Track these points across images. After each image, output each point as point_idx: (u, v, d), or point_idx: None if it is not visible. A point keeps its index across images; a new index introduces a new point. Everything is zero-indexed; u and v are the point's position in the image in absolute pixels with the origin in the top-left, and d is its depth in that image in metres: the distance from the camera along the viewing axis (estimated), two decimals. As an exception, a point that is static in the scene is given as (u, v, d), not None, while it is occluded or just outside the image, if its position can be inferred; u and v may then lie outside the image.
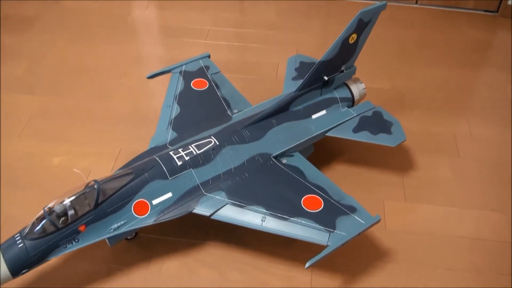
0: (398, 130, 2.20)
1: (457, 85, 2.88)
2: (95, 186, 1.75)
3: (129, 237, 2.01)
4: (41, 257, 1.70)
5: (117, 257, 1.98)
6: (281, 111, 2.14)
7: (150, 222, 1.82)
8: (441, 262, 2.00)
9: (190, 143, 1.98)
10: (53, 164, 2.38)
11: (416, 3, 3.47)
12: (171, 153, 1.93)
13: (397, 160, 2.40)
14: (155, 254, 2.00)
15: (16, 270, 1.67)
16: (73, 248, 1.74)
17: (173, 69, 2.45)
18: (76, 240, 1.74)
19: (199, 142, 1.98)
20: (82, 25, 3.30)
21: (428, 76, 2.93)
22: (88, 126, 2.58)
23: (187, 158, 1.91)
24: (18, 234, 1.71)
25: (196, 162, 1.92)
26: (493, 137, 2.55)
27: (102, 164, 2.37)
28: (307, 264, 1.67)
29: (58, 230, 1.70)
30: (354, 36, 2.10)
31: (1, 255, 1.66)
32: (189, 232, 2.06)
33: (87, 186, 1.78)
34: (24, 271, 1.70)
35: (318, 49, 2.69)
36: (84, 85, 2.83)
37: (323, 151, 2.37)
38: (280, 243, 2.01)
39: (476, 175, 2.35)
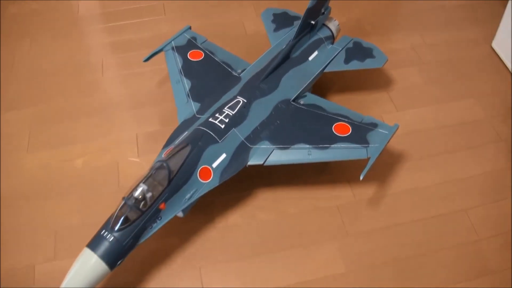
0: (379, 53, 2.55)
1: (394, 4, 3.29)
2: (164, 165, 1.90)
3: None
4: (133, 243, 1.84)
5: (184, 227, 2.17)
6: (285, 60, 2.39)
7: (217, 183, 2.02)
8: (442, 148, 2.45)
9: (222, 107, 2.17)
10: (77, 166, 2.43)
11: None
12: (210, 119, 2.11)
13: (377, 80, 2.78)
14: (216, 215, 2.22)
15: (113, 262, 1.80)
16: (158, 226, 1.90)
17: (164, 47, 2.56)
18: (159, 218, 1.90)
19: (230, 104, 2.18)
20: (34, 26, 3.18)
21: (369, 2, 3.30)
22: (91, 122, 2.62)
23: (227, 120, 2.11)
24: (103, 230, 1.82)
25: (235, 121, 2.13)
26: (442, 41, 3.02)
27: (126, 152, 2.47)
28: (362, 176, 1.99)
29: (142, 213, 1.84)
30: (330, -21, 2.38)
31: (93, 254, 1.77)
32: (236, 186, 2.28)
33: (152, 168, 1.93)
34: (120, 261, 1.84)
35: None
36: (67, 84, 2.82)
37: (318, 88, 2.67)
38: (315, 173, 2.34)
39: (441, 74, 2.81)
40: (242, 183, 2.30)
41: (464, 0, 3.29)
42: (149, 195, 1.86)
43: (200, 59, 2.50)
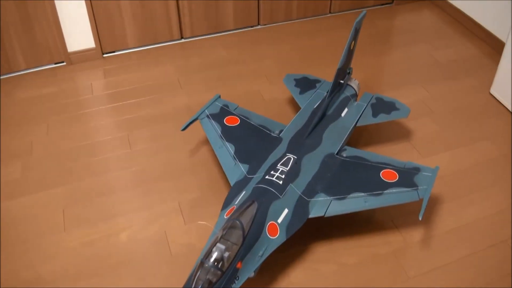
0: (401, 105, 2.76)
1: (396, 63, 3.59)
2: (238, 223, 1.92)
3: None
4: (215, 307, 1.81)
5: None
6: (323, 117, 2.53)
7: (284, 238, 2.04)
8: (473, 187, 2.61)
9: (275, 164, 2.24)
10: (122, 241, 2.37)
11: (330, 12, 4.13)
12: (267, 177, 2.17)
13: (397, 132, 2.96)
14: (276, 273, 2.20)
15: None
16: (236, 286, 1.88)
17: (199, 115, 2.65)
18: (237, 278, 1.88)
19: (282, 161, 2.25)
20: (49, 110, 3.21)
21: (375, 63, 3.58)
22: (127, 196, 2.59)
23: (283, 176, 2.17)
24: None
25: (290, 177, 2.19)
26: (445, 92, 3.29)
27: (172, 222, 2.44)
28: (420, 216, 2.08)
29: (223, 274, 1.82)
30: (353, 43, 2.60)
31: None
32: (290, 242, 2.29)
33: (225, 228, 1.93)
34: None
35: (281, 68, 3.15)
36: (95, 161, 2.81)
37: (348, 144, 2.80)
38: (364, 222, 2.41)
39: (452, 121, 3.04)
40: (297, 238, 2.32)
41: (455, 56, 3.65)
42: (226, 254, 1.85)
43: (237, 124, 2.60)
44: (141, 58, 3.68)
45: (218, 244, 1.85)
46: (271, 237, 2.01)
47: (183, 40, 3.84)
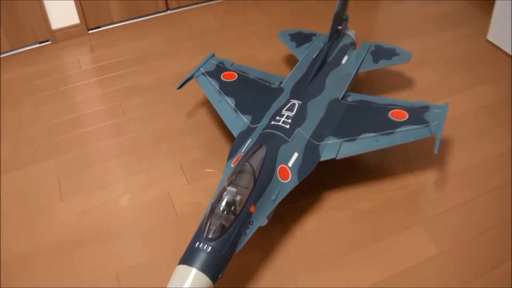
0: (402, 50, 2.68)
1: (388, 20, 3.52)
2: (248, 165, 1.81)
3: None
4: (231, 253, 1.69)
5: (261, 241, 2.03)
6: (323, 64, 2.43)
7: (297, 181, 1.94)
8: (481, 129, 2.54)
9: (280, 110, 2.14)
10: (123, 205, 2.26)
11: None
12: (272, 122, 2.07)
13: (400, 81, 2.88)
14: (291, 224, 2.10)
15: (214, 275, 1.63)
16: (251, 232, 1.77)
17: (194, 73, 2.54)
18: (251, 223, 1.77)
19: (286, 107, 2.15)
20: (36, 87, 3.07)
21: (367, 20, 3.50)
22: (125, 162, 2.47)
23: (289, 121, 2.07)
24: (196, 242, 1.67)
25: (297, 121, 2.09)
26: (441, 43, 3.22)
27: (175, 183, 2.33)
28: (436, 150, 2.01)
29: (236, 218, 1.71)
30: (348, -14, 2.51)
31: (191, 268, 1.59)
32: (302, 193, 2.20)
33: (234, 172, 1.83)
34: (220, 275, 1.67)
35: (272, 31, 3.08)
36: (84, 132, 2.68)
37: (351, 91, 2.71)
38: (375, 168, 2.33)
39: (452, 70, 2.97)
40: (308, 187, 2.22)
41: (447, 8, 3.58)
42: (238, 198, 1.74)
43: (235, 78, 2.50)
44: (128, 31, 3.55)
45: (229, 187, 1.75)
46: (283, 181, 1.91)
47: (169, 12, 3.72)
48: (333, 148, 2.07)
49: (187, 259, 1.63)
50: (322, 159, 2.04)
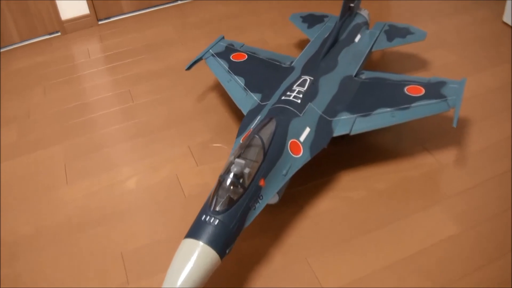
0: (416, 29, 2.59)
1: (401, 2, 3.43)
2: (257, 137, 1.73)
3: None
4: (239, 227, 1.60)
5: (273, 222, 1.95)
6: (335, 42, 2.36)
7: (309, 157, 1.86)
8: (498, 108, 2.43)
9: (291, 86, 2.07)
10: (130, 187, 2.20)
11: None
12: (283, 97, 2.00)
13: (415, 63, 2.79)
14: (304, 204, 2.02)
15: (222, 249, 1.54)
16: (261, 206, 1.69)
17: (203, 55, 2.48)
18: (261, 198, 1.69)
19: (298, 82, 2.08)
20: (45, 75, 3.05)
21: (379, 3, 3.43)
22: (133, 145, 2.42)
23: (300, 96, 2.00)
24: (203, 215, 1.58)
25: (308, 96, 2.02)
26: (457, 25, 3.12)
27: (183, 165, 2.27)
28: (455, 123, 1.91)
29: (245, 191, 1.63)
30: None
31: (198, 241, 1.51)
32: (315, 173, 2.12)
33: (243, 145, 1.75)
34: (228, 249, 1.59)
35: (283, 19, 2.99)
36: (92, 117, 2.64)
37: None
38: (391, 147, 2.23)
39: (469, 51, 2.87)
40: (321, 167, 2.14)
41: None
42: (247, 170, 1.65)
43: (245, 59, 2.43)
44: (138, 22, 3.52)
45: (237, 160, 1.66)
46: (294, 155, 1.83)
47: (179, 2, 3.69)
48: (347, 124, 1.98)
49: (193, 232, 1.56)
50: (335, 134, 1.96)
